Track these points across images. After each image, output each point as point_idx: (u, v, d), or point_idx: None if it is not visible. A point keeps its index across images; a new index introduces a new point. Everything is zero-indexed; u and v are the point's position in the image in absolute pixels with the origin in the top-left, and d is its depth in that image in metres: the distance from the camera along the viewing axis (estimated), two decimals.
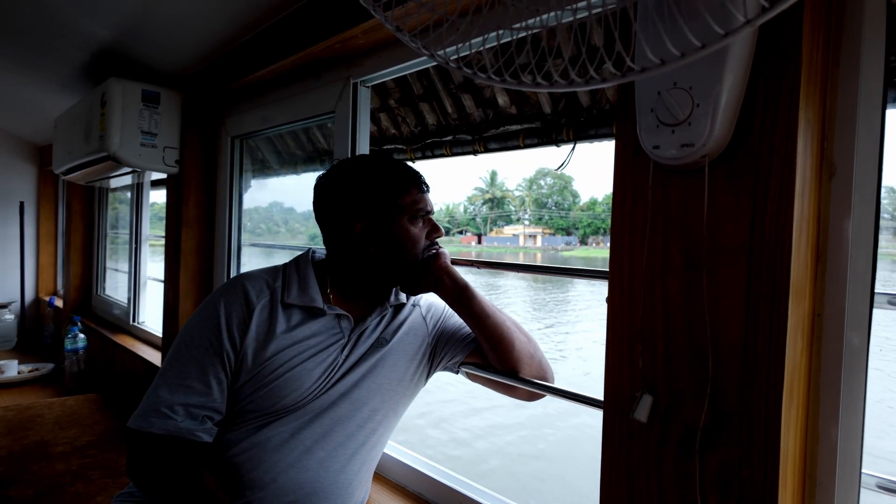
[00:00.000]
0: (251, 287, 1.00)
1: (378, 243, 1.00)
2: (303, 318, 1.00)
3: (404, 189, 1.01)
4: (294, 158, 2.05)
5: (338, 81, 1.40)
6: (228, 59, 1.62)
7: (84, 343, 2.46)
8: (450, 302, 1.05)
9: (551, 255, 57.01)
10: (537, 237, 66.22)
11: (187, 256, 1.86)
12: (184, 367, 0.93)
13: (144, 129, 1.81)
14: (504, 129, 1.36)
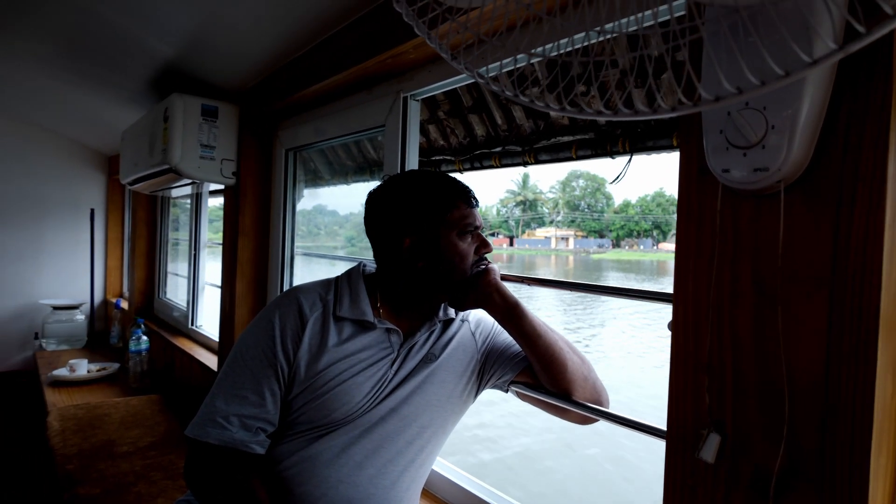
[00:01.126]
0: (305, 300, 1.02)
1: (426, 258, 1.00)
2: (354, 332, 1.01)
3: (452, 204, 1.01)
4: (345, 168, 2.10)
5: (388, 95, 1.41)
6: (283, 74, 1.67)
7: (147, 345, 2.60)
8: (499, 319, 1.04)
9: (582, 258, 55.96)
10: (569, 240, 65.15)
11: (243, 264, 1.93)
12: (239, 377, 0.96)
13: (203, 143, 1.89)
14: (556, 140, 1.34)
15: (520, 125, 1.41)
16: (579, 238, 66.23)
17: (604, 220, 68.13)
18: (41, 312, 3.43)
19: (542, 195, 70.91)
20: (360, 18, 1.33)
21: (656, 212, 66.18)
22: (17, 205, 3.42)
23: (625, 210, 67.30)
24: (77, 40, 1.93)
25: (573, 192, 69.33)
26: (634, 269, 39.66)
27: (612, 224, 66.94)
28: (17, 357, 3.44)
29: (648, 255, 57.03)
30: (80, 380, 2.62)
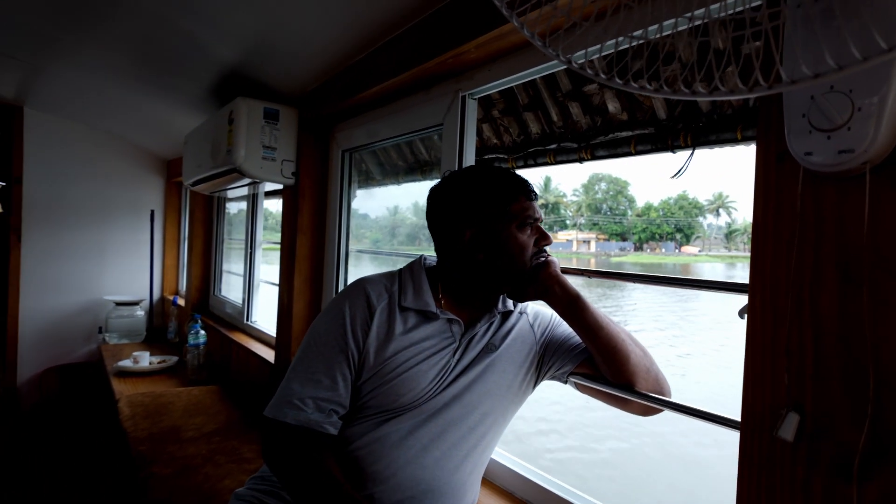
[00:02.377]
0: (372, 291, 1.07)
1: (487, 250, 1.03)
2: (418, 322, 1.06)
3: (513, 197, 1.04)
4: (396, 169, 2.16)
5: (447, 95, 1.46)
6: (342, 77, 1.75)
7: (204, 339, 2.73)
8: (560, 311, 1.06)
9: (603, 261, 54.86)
10: (591, 242, 64.24)
11: (301, 261, 2.01)
12: (313, 362, 1.02)
13: (265, 144, 1.99)
14: (614, 135, 1.36)
15: (576, 121, 1.43)
16: (601, 241, 65.31)
17: (626, 223, 66.92)
18: (105, 308, 3.64)
19: (564, 198, 70.27)
20: (421, 21, 1.38)
21: (678, 215, 64.46)
22: (85, 207, 3.65)
23: (646, 213, 65.86)
24: (146, 49, 2.07)
25: (595, 196, 68.43)
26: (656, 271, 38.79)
27: (634, 227, 65.64)
28: (83, 349, 3.66)
29: (670, 258, 55.50)
30: (142, 371, 2.77)
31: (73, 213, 3.62)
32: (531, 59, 1.22)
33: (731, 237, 63.73)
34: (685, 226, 64.66)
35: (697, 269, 43.47)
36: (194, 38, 1.86)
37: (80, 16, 1.88)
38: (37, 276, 3.51)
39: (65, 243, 3.60)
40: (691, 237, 64.58)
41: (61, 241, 3.59)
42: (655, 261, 50.30)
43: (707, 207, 64.87)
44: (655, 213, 65.62)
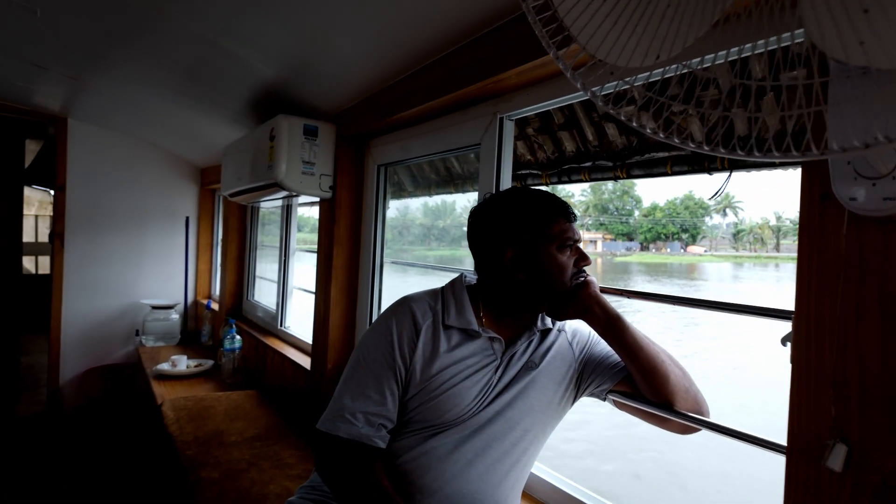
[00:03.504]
0: (417, 309, 1.13)
1: (527, 270, 1.08)
2: (461, 339, 1.11)
3: (552, 219, 1.09)
4: (428, 182, 2.22)
5: (485, 116, 1.51)
6: (380, 96, 1.81)
7: (240, 343, 2.83)
8: (600, 331, 1.10)
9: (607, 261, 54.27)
10: (597, 242, 63.62)
11: (337, 271, 2.08)
12: (363, 378, 1.08)
13: (305, 159, 2.07)
14: (650, 156, 1.39)
15: (612, 141, 1.47)
16: (607, 241, 64.66)
17: (632, 222, 66.20)
18: (141, 311, 3.77)
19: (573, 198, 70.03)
20: (462, 48, 1.44)
21: (684, 215, 63.48)
22: (124, 213, 3.80)
23: (652, 213, 65.01)
24: (188, 65, 2.16)
25: (602, 196, 67.78)
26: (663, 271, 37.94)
27: (641, 227, 64.90)
28: (121, 351, 3.80)
29: (676, 258, 54.61)
30: (180, 374, 2.88)
31: (112, 219, 3.76)
32: (569, 86, 1.26)
33: (738, 237, 62.60)
34: (691, 226, 63.81)
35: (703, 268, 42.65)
36: (235, 57, 1.94)
37: (126, 34, 1.98)
38: (78, 280, 3.66)
39: (104, 248, 3.75)
40: (697, 237, 63.70)
41: (101, 247, 3.74)
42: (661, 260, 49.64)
43: (714, 207, 63.94)
44: (661, 212, 64.86)
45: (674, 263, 47.74)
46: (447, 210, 41.52)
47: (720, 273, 38.73)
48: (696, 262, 51.64)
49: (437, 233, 39.97)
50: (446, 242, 40.71)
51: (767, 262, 50.10)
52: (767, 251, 59.86)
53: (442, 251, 38.15)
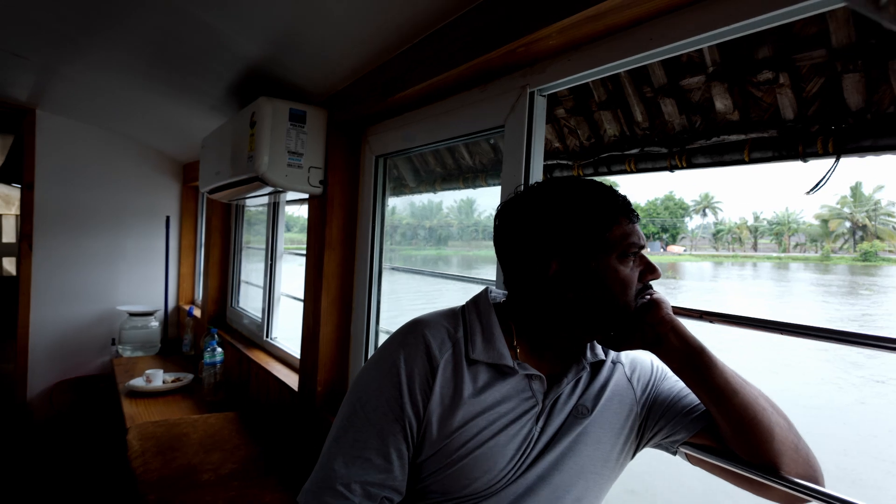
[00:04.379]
0: (433, 338, 0.82)
1: (578, 287, 0.78)
2: (490, 379, 0.81)
3: (612, 220, 0.79)
4: (433, 176, 1.91)
5: (510, 92, 1.20)
6: (381, 72, 1.49)
7: (221, 357, 2.50)
8: (676, 368, 0.80)
9: None
10: None
11: (329, 279, 1.76)
12: (360, 434, 0.78)
13: (291, 150, 1.74)
14: (720, 139, 1.09)
15: (668, 121, 1.16)
16: None
17: None
18: (118, 318, 3.42)
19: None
20: (483, 3, 1.12)
21: (664, 215, 63.83)
22: (99, 212, 3.44)
23: None
24: (164, 46, 1.83)
25: None
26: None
27: None
28: (97, 362, 3.45)
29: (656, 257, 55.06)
30: (155, 391, 2.54)
31: (87, 219, 3.40)
32: (626, 46, 0.95)
33: (718, 236, 62.98)
34: (671, 226, 64.16)
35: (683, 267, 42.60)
36: (215, 33, 1.62)
37: (96, 13, 1.65)
38: (49, 285, 3.29)
39: (78, 251, 3.38)
40: (677, 237, 64.03)
41: (74, 249, 3.37)
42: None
43: (693, 208, 64.19)
44: (643, 213, 65.30)
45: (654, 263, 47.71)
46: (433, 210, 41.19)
47: (701, 271, 38.72)
48: (676, 261, 51.90)
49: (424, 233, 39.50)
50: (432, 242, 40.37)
51: (745, 262, 50.33)
52: (745, 250, 60.23)
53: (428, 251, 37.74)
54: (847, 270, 38.26)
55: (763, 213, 65.46)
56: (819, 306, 19.48)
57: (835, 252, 50.66)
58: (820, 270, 38.36)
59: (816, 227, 54.86)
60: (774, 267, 42.52)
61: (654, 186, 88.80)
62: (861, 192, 51.79)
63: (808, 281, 29.85)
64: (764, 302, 20.54)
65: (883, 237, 49.17)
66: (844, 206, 52.64)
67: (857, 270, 37.97)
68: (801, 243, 56.52)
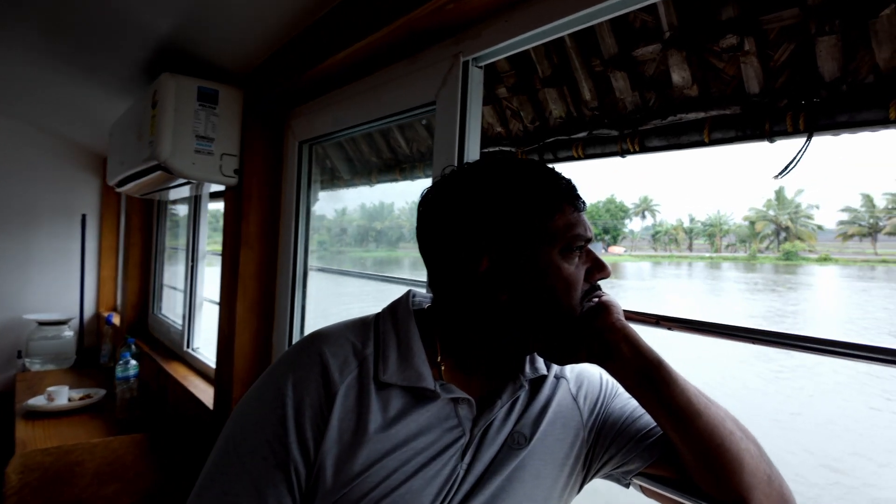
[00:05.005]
0: (332, 357, 0.62)
1: (513, 288, 0.62)
2: (405, 406, 0.62)
3: (554, 207, 0.63)
4: (368, 167, 1.69)
5: (441, 62, 1.01)
6: (300, 42, 1.26)
7: (136, 370, 2.17)
8: (629, 385, 0.64)
9: None
10: None
11: (246, 281, 1.51)
12: (231, 485, 0.57)
13: (200, 134, 1.48)
14: (676, 118, 0.93)
15: (620, 99, 1.00)
16: None
17: None
18: (26, 329, 2.99)
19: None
20: None
21: (605, 217, 66.25)
22: (3, 210, 3.00)
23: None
24: (61, 16, 1.53)
25: None
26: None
27: None
28: (0, 378, 3.01)
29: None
30: (58, 410, 2.18)
31: None
32: (572, 2, 0.78)
33: (656, 238, 65.68)
34: (612, 227, 66.35)
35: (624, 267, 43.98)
36: (118, 5, 1.34)
37: None
38: None
39: None
40: (618, 238, 66.29)
41: None
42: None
43: (633, 210, 66.61)
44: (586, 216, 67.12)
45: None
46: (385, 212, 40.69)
47: (640, 271, 40.00)
48: (617, 261, 53.57)
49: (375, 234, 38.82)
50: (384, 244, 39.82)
51: (681, 262, 52.51)
52: (681, 251, 62.92)
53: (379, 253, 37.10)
54: (771, 269, 40.52)
55: (697, 216, 68.60)
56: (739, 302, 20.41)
57: (761, 252, 53.63)
58: (747, 269, 40.41)
59: (745, 228, 57.94)
60: (707, 266, 44.47)
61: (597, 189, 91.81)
62: (784, 196, 55.10)
63: (735, 279, 31.30)
64: (695, 300, 21.37)
65: (803, 238, 52.47)
66: (770, 208, 55.85)
67: (780, 269, 40.27)
68: (732, 244, 59.52)
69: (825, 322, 16.90)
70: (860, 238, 51.75)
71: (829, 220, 56.31)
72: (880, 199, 50.80)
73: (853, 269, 39.36)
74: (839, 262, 45.44)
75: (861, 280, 30.90)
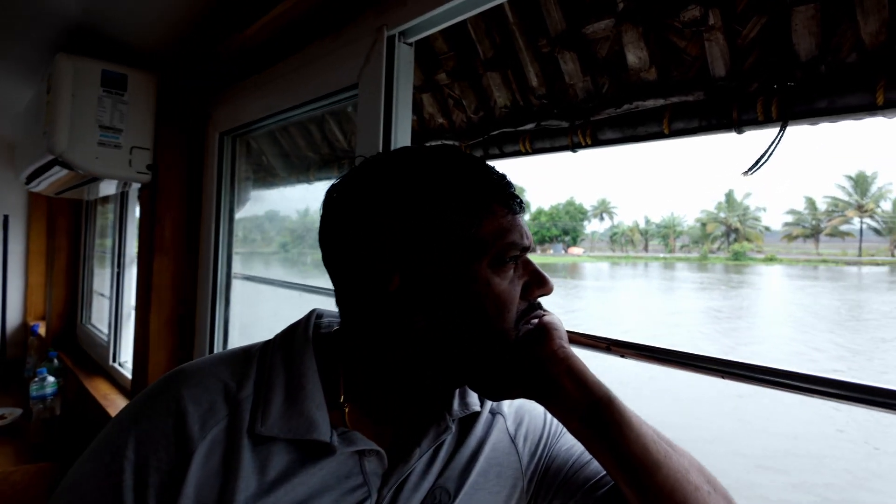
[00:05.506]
0: (193, 403, 0.46)
1: (432, 310, 0.48)
2: (291, 465, 0.47)
3: (482, 208, 0.49)
4: (306, 163, 1.50)
5: (364, 38, 0.84)
6: (214, 18, 1.07)
7: (53, 388, 1.92)
8: (574, 427, 0.50)
9: None
10: None
11: (161, 292, 1.30)
12: None
13: (105, 124, 1.27)
14: (632, 106, 0.79)
15: (569, 84, 0.85)
16: None
17: None
18: None
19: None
20: None
21: (564, 219, 67.45)
22: None
23: (537, 217, 68.55)
24: None
25: None
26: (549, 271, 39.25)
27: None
28: None
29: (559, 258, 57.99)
30: None
31: None
32: None
33: (614, 239, 67.05)
34: (571, 229, 67.46)
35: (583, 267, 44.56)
36: None
37: None
38: None
39: None
40: (577, 239, 67.48)
41: None
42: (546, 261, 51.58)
43: (592, 213, 67.88)
44: (546, 217, 67.88)
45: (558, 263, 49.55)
46: None
47: (599, 271, 40.60)
48: (577, 261, 54.37)
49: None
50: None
51: (637, 262, 53.70)
52: (637, 252, 64.44)
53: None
54: (721, 269, 41.79)
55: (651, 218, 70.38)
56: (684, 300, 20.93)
57: (712, 252, 55.43)
58: (698, 269, 41.54)
59: (697, 229, 59.79)
60: (662, 266, 45.51)
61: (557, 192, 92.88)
62: (734, 199, 57.17)
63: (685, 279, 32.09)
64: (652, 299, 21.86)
65: (751, 239, 54.54)
66: (720, 210, 57.84)
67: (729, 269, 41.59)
68: (686, 245, 61.33)
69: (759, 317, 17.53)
70: (804, 239, 54.27)
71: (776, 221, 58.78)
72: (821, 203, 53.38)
73: (796, 269, 41.14)
74: (784, 262, 47.49)
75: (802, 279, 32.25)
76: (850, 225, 50.62)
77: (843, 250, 51.00)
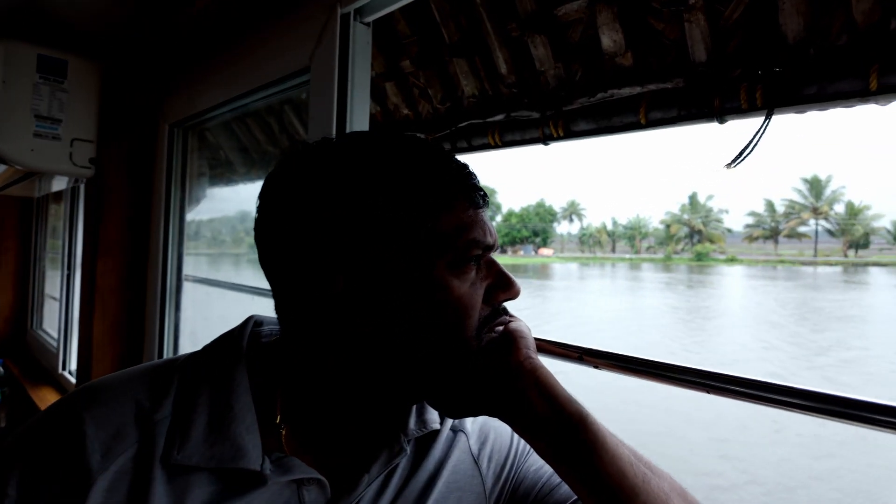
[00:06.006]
0: (96, 426, 0.38)
1: (381, 317, 0.41)
2: (213, 497, 0.39)
3: (440, 202, 0.41)
4: (266, 157, 1.39)
5: (316, 17, 0.74)
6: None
7: None
8: (541, 448, 0.42)
9: None
10: None
11: (105, 297, 1.17)
12: None
13: (41, 114, 1.13)
14: (607, 95, 0.72)
15: (540, 72, 0.78)
16: None
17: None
18: None
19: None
20: None
21: (535, 220, 68.25)
22: None
23: (508, 219, 69.20)
24: None
25: None
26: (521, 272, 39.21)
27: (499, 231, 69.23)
28: None
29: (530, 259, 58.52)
30: None
31: None
32: None
33: (583, 240, 68.01)
34: (541, 230, 68.17)
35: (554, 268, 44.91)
36: None
37: None
38: None
39: None
40: (548, 240, 68.23)
41: None
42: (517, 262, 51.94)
43: (561, 214, 68.75)
44: (517, 218, 68.45)
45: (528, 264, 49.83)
46: None
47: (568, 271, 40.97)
48: (547, 262, 54.87)
49: None
50: None
51: (605, 263, 54.51)
52: (605, 252, 65.47)
53: None
54: (685, 269, 42.70)
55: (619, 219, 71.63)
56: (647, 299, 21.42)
57: (677, 253, 56.73)
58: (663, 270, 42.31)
59: (662, 231, 61.06)
60: (628, 267, 46.22)
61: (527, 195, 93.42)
62: (697, 201, 58.59)
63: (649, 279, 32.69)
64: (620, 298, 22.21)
65: (714, 240, 56.04)
66: (684, 212, 59.22)
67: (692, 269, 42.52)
68: (651, 246, 62.56)
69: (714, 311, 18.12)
70: (763, 240, 56.08)
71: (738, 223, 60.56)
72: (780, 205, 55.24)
73: (756, 269, 42.39)
74: (744, 263, 48.94)
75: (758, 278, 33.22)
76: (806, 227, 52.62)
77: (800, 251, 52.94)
